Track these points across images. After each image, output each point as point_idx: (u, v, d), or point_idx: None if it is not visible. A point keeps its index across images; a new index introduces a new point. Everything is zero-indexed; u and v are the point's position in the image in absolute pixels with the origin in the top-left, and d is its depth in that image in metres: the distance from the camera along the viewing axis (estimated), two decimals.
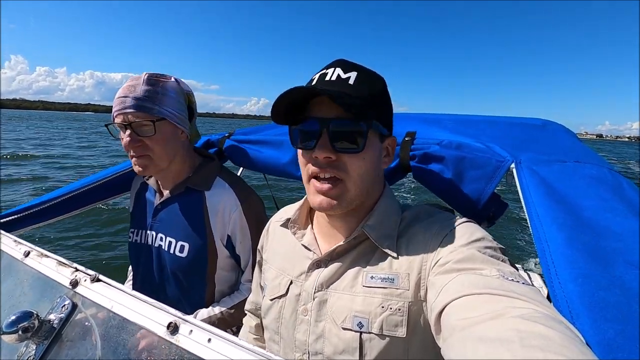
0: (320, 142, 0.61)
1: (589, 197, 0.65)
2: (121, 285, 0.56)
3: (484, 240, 0.58)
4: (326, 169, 0.63)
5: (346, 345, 0.61)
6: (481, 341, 0.37)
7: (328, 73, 0.63)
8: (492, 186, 0.81)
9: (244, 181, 1.17)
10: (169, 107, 0.99)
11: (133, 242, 1.17)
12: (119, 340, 0.50)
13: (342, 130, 0.61)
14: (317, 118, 0.62)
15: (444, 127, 1.09)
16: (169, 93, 1.00)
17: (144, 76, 0.99)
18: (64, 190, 1.23)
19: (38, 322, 0.54)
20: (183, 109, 1.04)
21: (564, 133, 1.13)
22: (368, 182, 0.66)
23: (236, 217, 1.05)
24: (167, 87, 1.00)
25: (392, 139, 0.72)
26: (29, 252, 0.70)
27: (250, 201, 1.10)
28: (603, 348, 0.40)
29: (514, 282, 0.47)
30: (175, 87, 1.02)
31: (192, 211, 1.07)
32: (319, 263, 0.70)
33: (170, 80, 1.03)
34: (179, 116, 1.02)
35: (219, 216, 1.05)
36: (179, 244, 1.05)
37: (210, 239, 1.06)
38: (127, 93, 0.95)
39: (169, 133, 1.00)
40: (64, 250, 4.78)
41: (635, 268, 0.48)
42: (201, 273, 1.08)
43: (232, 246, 1.09)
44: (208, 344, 0.44)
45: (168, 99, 0.99)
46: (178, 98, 1.02)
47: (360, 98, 0.61)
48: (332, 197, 0.63)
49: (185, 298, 1.09)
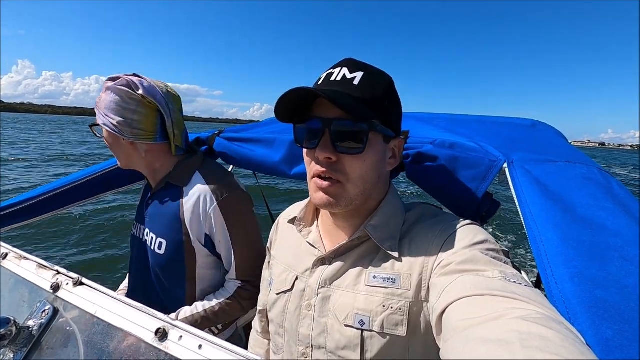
0: (322, 142, 0.62)
1: (582, 195, 0.65)
2: (106, 289, 0.53)
3: (486, 242, 0.58)
4: (326, 170, 0.63)
5: (348, 341, 0.62)
6: (481, 342, 0.37)
7: (334, 73, 0.64)
8: (486, 186, 0.82)
9: (228, 176, 1.09)
10: (107, 114, 1.00)
11: (132, 235, 1.17)
12: (103, 348, 0.48)
13: (343, 131, 0.61)
14: (320, 118, 0.62)
15: (437, 127, 1.10)
16: (109, 102, 1.00)
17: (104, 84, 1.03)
18: (49, 188, 1.19)
19: (16, 329, 0.51)
20: (122, 114, 0.99)
21: (553, 133, 1.15)
22: (369, 183, 0.66)
23: (212, 215, 1.00)
24: (108, 98, 0.99)
25: (399, 141, 0.72)
26: (7, 254, 0.66)
27: (229, 197, 1.02)
28: (602, 348, 0.40)
29: (515, 284, 0.47)
30: (117, 91, 0.98)
31: (169, 207, 1.03)
32: (323, 260, 0.72)
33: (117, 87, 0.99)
34: (111, 121, 0.99)
35: (194, 214, 1.00)
36: (158, 241, 1.03)
37: (187, 237, 1.01)
38: None
39: (109, 139, 1.04)
40: (45, 252, 4.63)
41: (631, 264, 0.49)
42: (179, 271, 1.04)
43: (212, 244, 1.04)
44: (199, 351, 0.42)
45: (108, 108, 1.00)
46: (117, 103, 0.98)
47: (362, 99, 0.61)
48: (331, 195, 0.64)
49: (166, 296, 1.07)
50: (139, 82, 1.00)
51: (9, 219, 1.12)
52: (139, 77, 1.02)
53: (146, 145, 1.04)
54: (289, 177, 1.13)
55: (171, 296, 1.06)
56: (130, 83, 0.99)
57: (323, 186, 0.64)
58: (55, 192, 1.19)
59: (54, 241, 5.00)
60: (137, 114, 1.00)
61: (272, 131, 1.25)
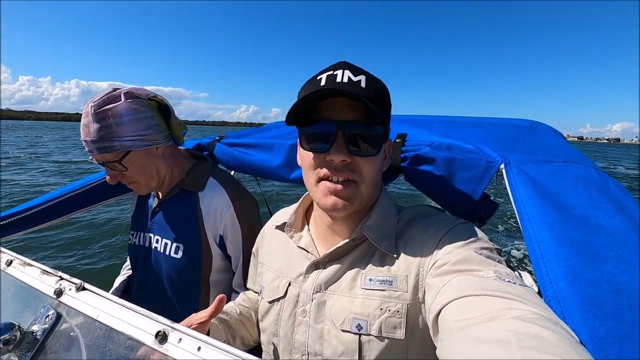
0: (336, 145, 0.61)
1: (578, 195, 0.66)
2: (108, 294, 0.54)
3: (480, 241, 0.59)
4: (341, 172, 0.62)
5: (345, 347, 0.61)
6: (478, 342, 0.38)
7: (337, 74, 0.61)
8: (483, 187, 0.82)
9: (238, 181, 1.17)
10: (128, 134, 0.92)
11: (132, 244, 1.17)
12: (105, 351, 0.49)
13: (359, 133, 0.61)
14: (333, 120, 0.61)
15: (434, 129, 1.10)
16: (123, 119, 0.91)
17: (90, 111, 0.90)
18: (53, 195, 1.20)
19: (20, 334, 0.52)
20: (147, 124, 0.96)
21: (551, 133, 1.15)
22: (378, 184, 0.68)
23: (228, 217, 1.06)
24: (119, 114, 0.91)
25: (389, 142, 0.75)
26: (12, 260, 0.67)
27: (243, 201, 1.10)
28: (595, 346, 0.41)
29: (510, 284, 0.47)
30: (127, 107, 0.92)
31: (186, 212, 1.07)
32: (317, 264, 0.71)
33: (119, 102, 0.92)
34: (144, 137, 0.95)
35: (212, 216, 1.06)
36: (174, 246, 1.06)
37: (205, 240, 1.06)
38: (85, 136, 0.92)
39: (142, 159, 0.98)
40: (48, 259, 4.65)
41: (625, 263, 0.49)
42: (196, 274, 1.08)
43: (224, 246, 1.09)
44: (198, 353, 0.43)
45: (124, 126, 0.91)
46: (136, 116, 0.93)
47: (373, 102, 0.60)
48: (345, 197, 0.63)
49: (180, 300, 1.08)
50: (133, 89, 0.97)
51: (13, 227, 1.14)
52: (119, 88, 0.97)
53: (168, 149, 1.06)
54: (288, 181, 1.14)
55: (185, 301, 1.08)
56: (130, 92, 0.95)
57: (337, 189, 0.62)
58: (57, 200, 1.20)
59: (56, 246, 5.03)
60: (155, 118, 0.99)
61: (272, 136, 1.27)
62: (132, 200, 1.27)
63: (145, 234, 1.12)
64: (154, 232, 1.10)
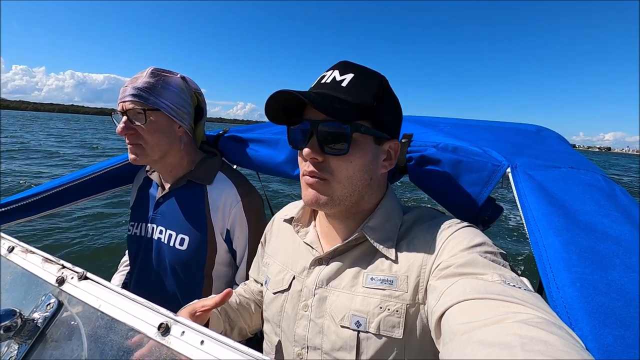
0: (310, 143, 0.64)
1: (585, 202, 0.65)
2: (110, 284, 0.54)
3: (485, 245, 0.58)
4: (314, 169, 0.65)
5: (344, 342, 0.62)
6: (482, 345, 0.37)
7: (326, 75, 0.66)
8: (488, 190, 0.82)
9: (246, 178, 1.19)
10: (166, 99, 1.01)
11: (132, 235, 1.17)
12: (106, 341, 0.48)
13: (328, 132, 0.62)
14: (309, 120, 0.65)
15: (440, 130, 1.10)
16: (170, 87, 1.02)
17: (149, 69, 1.02)
18: (58, 182, 1.20)
19: (21, 321, 0.52)
20: (184, 105, 1.06)
21: (557, 139, 1.15)
22: (358, 185, 0.66)
23: (236, 212, 1.07)
24: (169, 82, 1.02)
25: (395, 143, 0.71)
26: (13, 247, 0.67)
27: (251, 197, 1.11)
28: (602, 353, 0.40)
29: (515, 288, 0.47)
30: (178, 82, 1.05)
31: (193, 204, 1.08)
32: (320, 260, 0.72)
33: (174, 76, 1.05)
34: (176, 110, 1.03)
35: (220, 210, 1.07)
36: (179, 237, 1.06)
37: (211, 233, 1.07)
38: (129, 83, 1.00)
39: (162, 124, 1.02)
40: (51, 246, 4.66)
41: (633, 271, 0.49)
42: (199, 267, 1.08)
43: (230, 240, 1.10)
44: (201, 346, 0.42)
45: (167, 92, 1.01)
46: (180, 93, 1.04)
47: (347, 101, 0.62)
48: (318, 191, 0.65)
49: (182, 292, 1.08)
50: (187, 78, 1.09)
51: (15, 214, 1.13)
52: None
53: (187, 136, 1.10)
54: (292, 178, 1.14)
55: (187, 293, 1.08)
56: (182, 77, 1.07)
57: (313, 184, 0.65)
58: (60, 188, 1.20)
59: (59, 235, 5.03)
60: (190, 107, 1.09)
61: (276, 132, 1.26)
62: (132, 191, 1.26)
63: (148, 224, 1.12)
64: (157, 223, 1.10)
